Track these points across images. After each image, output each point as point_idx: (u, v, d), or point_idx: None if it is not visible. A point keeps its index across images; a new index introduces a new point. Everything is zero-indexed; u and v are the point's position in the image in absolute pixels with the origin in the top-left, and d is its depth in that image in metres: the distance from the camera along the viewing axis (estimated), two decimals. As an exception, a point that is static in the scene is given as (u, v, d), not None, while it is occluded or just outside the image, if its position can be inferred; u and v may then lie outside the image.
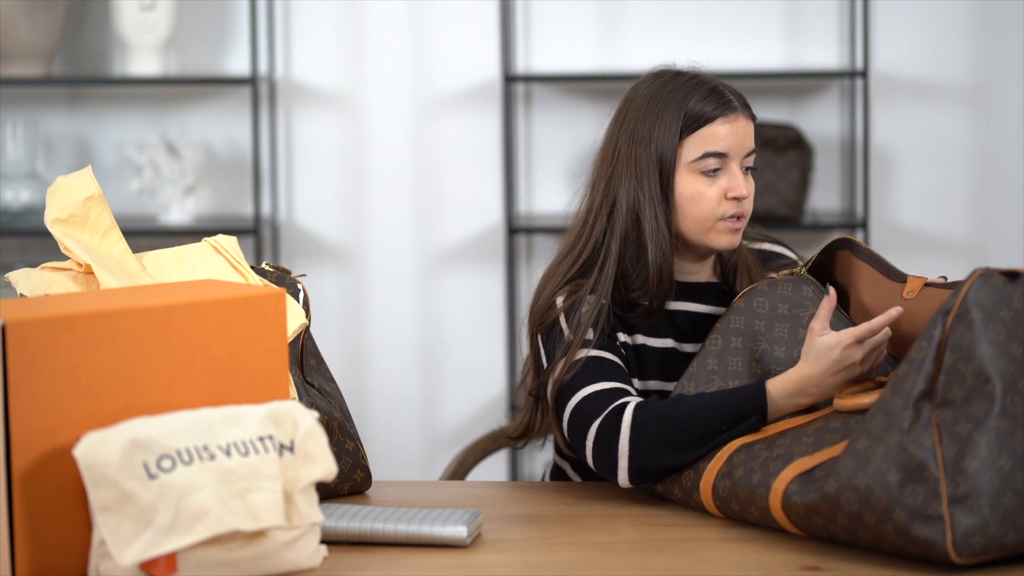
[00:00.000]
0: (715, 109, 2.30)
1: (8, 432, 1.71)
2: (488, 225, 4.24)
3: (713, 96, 2.31)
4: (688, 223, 2.30)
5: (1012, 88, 4.16)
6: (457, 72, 4.23)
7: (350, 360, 4.26)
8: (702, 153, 2.28)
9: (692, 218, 2.30)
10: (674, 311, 2.35)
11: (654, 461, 2.11)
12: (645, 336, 2.32)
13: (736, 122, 2.30)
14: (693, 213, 2.29)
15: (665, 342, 2.33)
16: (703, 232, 2.30)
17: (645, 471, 2.12)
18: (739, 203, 2.30)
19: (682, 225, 2.31)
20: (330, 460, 1.83)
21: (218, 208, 4.28)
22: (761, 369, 2.16)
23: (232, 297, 1.89)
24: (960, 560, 1.80)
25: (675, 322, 2.34)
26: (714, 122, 2.29)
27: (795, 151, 4.05)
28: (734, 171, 2.30)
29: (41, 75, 4.10)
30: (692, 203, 2.29)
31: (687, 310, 2.35)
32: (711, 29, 4.19)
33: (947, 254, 4.18)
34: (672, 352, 2.33)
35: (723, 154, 2.29)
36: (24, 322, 1.72)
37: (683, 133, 2.30)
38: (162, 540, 1.72)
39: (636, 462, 2.12)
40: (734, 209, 2.30)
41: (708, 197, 2.29)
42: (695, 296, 2.36)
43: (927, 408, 1.84)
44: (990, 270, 1.87)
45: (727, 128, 2.29)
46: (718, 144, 2.29)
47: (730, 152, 2.30)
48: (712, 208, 2.29)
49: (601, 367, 2.21)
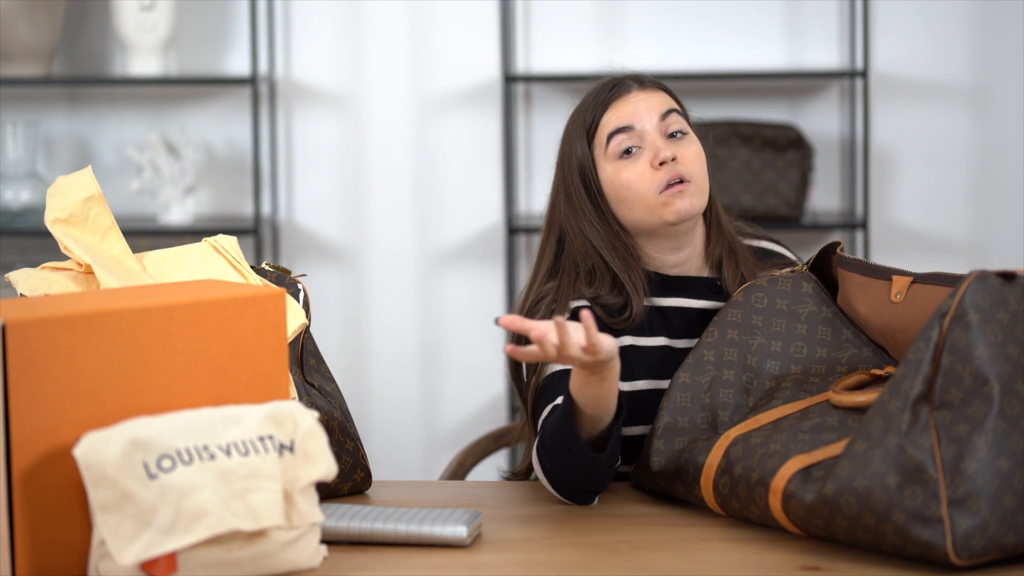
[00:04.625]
0: (607, 95, 2.33)
1: (8, 432, 1.71)
2: (488, 225, 4.24)
3: (604, 88, 2.34)
4: (634, 210, 2.30)
5: (1012, 88, 4.16)
6: (457, 72, 4.23)
7: (350, 360, 4.26)
8: (607, 136, 2.30)
9: (634, 204, 2.29)
10: (665, 308, 2.34)
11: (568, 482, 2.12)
12: (633, 336, 2.32)
13: (629, 97, 2.32)
14: (631, 198, 2.29)
15: (657, 340, 2.33)
16: (651, 211, 2.29)
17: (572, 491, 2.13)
18: (670, 167, 2.28)
19: (630, 214, 2.30)
20: (330, 460, 1.83)
21: (218, 208, 4.28)
22: (757, 363, 2.16)
23: (232, 297, 1.89)
24: (960, 562, 1.80)
25: (667, 319, 2.34)
26: (609, 108, 2.32)
27: (795, 151, 4.05)
28: (652, 140, 2.29)
29: (41, 75, 4.10)
30: (625, 189, 2.29)
31: (679, 306, 2.34)
32: (711, 29, 4.19)
33: (947, 254, 4.19)
34: (665, 350, 2.33)
35: (628, 127, 2.30)
36: (24, 322, 1.72)
37: (588, 134, 2.32)
38: (162, 540, 1.72)
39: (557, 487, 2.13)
40: (667, 175, 2.28)
41: (636, 176, 2.28)
42: (686, 291, 2.35)
43: (925, 410, 1.84)
44: (986, 272, 1.87)
45: (624, 106, 2.31)
46: (618, 122, 2.30)
47: (635, 124, 2.30)
48: (644, 185, 2.28)
49: (560, 382, 2.21)
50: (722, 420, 2.13)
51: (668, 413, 2.16)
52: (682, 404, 2.16)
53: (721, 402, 2.15)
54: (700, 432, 2.14)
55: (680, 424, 2.15)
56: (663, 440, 2.15)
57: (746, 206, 4.04)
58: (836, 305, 2.19)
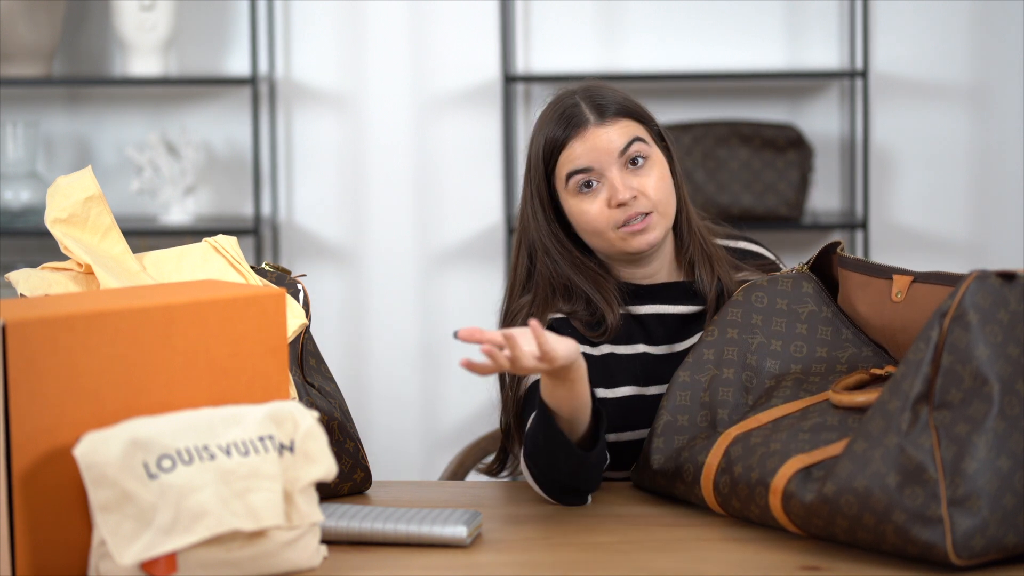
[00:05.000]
0: (564, 132, 2.29)
1: (8, 432, 1.71)
2: (488, 225, 4.24)
3: (562, 120, 2.29)
4: (594, 241, 2.30)
5: (1012, 88, 4.16)
6: (457, 72, 4.23)
7: (350, 360, 4.26)
8: (566, 175, 2.28)
9: (592, 235, 2.29)
10: (640, 315, 2.34)
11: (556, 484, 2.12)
12: (612, 345, 2.32)
13: (587, 134, 2.28)
14: (591, 231, 2.29)
15: (636, 348, 2.33)
16: (610, 244, 2.29)
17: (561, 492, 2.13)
18: (628, 206, 2.26)
19: (592, 243, 2.31)
20: (330, 460, 1.83)
21: (218, 208, 4.28)
22: (756, 361, 2.16)
23: (232, 297, 1.89)
24: (960, 562, 1.80)
25: (645, 326, 2.34)
26: (567, 145, 2.28)
27: (795, 151, 4.05)
28: (611, 178, 2.27)
29: (41, 75, 4.10)
30: (584, 222, 2.29)
31: (656, 313, 2.34)
32: (711, 29, 4.19)
33: (947, 254, 4.19)
34: (645, 357, 2.33)
35: (586, 168, 2.28)
36: (24, 322, 1.72)
37: (547, 167, 2.30)
38: (162, 540, 1.72)
39: (548, 490, 2.13)
40: (625, 215, 2.26)
41: (594, 213, 2.27)
42: (659, 298, 2.35)
43: (925, 410, 1.84)
44: (986, 272, 1.87)
45: (581, 145, 2.27)
46: (576, 162, 2.28)
47: (593, 164, 2.27)
48: (602, 222, 2.27)
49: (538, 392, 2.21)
50: (721, 418, 2.13)
51: (668, 412, 2.16)
52: (681, 403, 2.16)
53: (720, 400, 2.15)
54: (699, 430, 2.14)
55: (679, 422, 2.15)
56: (662, 438, 2.15)
57: (746, 206, 4.04)
58: (836, 305, 2.19)
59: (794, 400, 2.09)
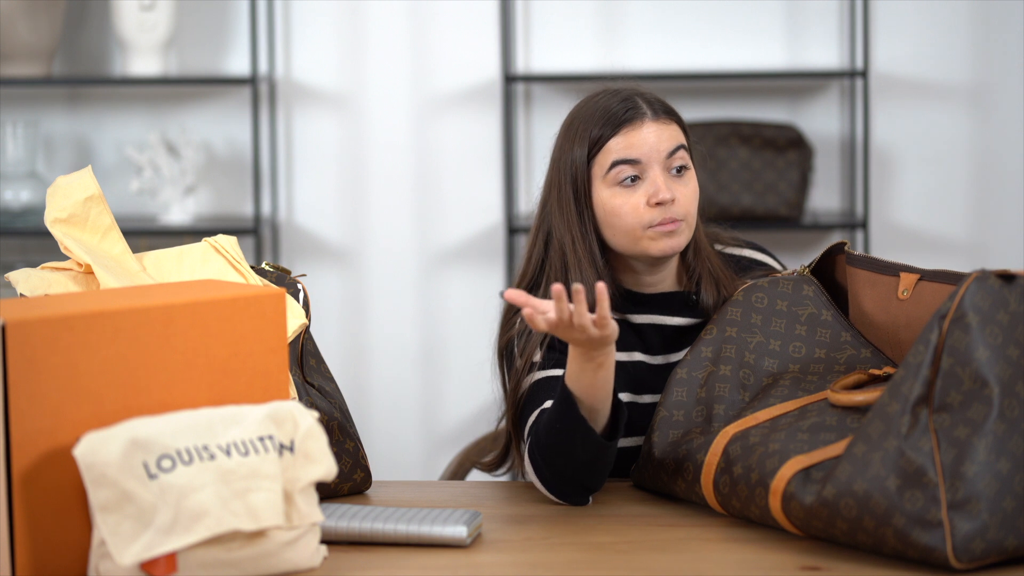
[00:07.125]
0: (619, 119, 2.27)
1: (8, 432, 1.71)
2: (488, 225, 4.24)
3: (618, 108, 2.28)
4: (618, 237, 2.28)
5: (1012, 88, 4.16)
6: (457, 72, 4.23)
7: (350, 360, 4.26)
8: (611, 163, 2.26)
9: (620, 231, 2.27)
10: (639, 324, 2.34)
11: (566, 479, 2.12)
12: None
13: (643, 127, 2.27)
14: (618, 226, 2.27)
15: (632, 356, 2.33)
16: (635, 242, 2.27)
17: (568, 489, 2.13)
18: (666, 208, 2.25)
19: (614, 240, 2.29)
20: (330, 460, 1.83)
21: (218, 208, 4.28)
22: (754, 359, 2.16)
23: (232, 297, 1.89)
24: (960, 565, 1.80)
25: (641, 335, 2.34)
26: (619, 132, 2.27)
27: (795, 151, 4.05)
28: (654, 176, 2.26)
29: (41, 75, 4.10)
30: (615, 217, 2.27)
31: (653, 323, 2.34)
32: (711, 29, 4.19)
33: (947, 254, 4.19)
34: (641, 366, 2.33)
35: (634, 160, 2.26)
36: (24, 322, 1.72)
37: (592, 150, 2.28)
38: (162, 540, 1.72)
39: (553, 486, 2.13)
40: (661, 215, 2.25)
41: (629, 208, 2.26)
42: (659, 308, 2.34)
43: (925, 413, 1.84)
44: (986, 272, 1.87)
45: (635, 135, 2.26)
46: (626, 152, 2.26)
47: (642, 158, 2.26)
48: (635, 218, 2.25)
49: (547, 387, 2.21)
50: (718, 414, 2.13)
51: (665, 408, 2.17)
52: (678, 399, 2.16)
53: (717, 396, 2.15)
54: (695, 424, 2.14)
55: (675, 417, 2.15)
56: (658, 432, 2.16)
57: (746, 206, 4.04)
58: (836, 308, 2.19)
59: (792, 399, 2.09)
